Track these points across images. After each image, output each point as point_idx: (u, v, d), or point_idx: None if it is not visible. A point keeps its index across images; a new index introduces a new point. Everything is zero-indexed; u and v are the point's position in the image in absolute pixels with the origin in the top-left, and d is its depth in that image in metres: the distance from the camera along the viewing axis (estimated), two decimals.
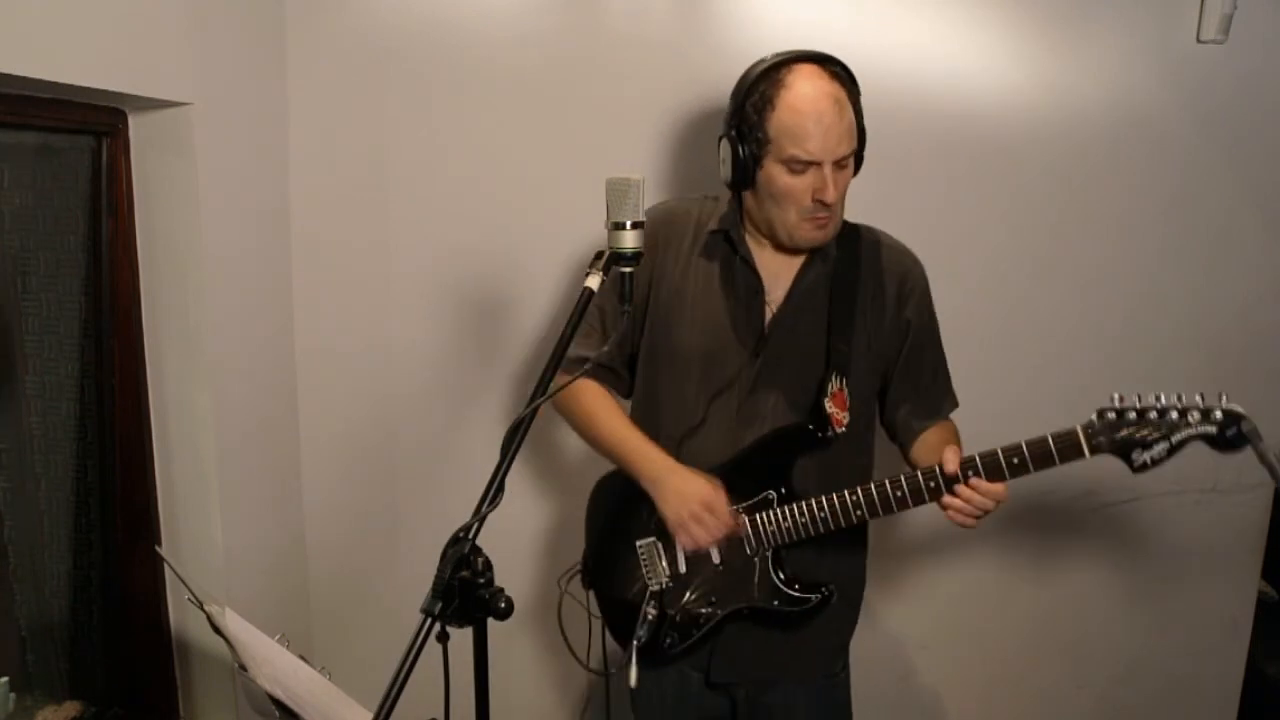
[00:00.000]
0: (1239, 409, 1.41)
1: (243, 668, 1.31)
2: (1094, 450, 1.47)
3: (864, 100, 1.59)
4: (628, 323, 1.68)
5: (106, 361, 1.94)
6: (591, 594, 1.84)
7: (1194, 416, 1.43)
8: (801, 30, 2.11)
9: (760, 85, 1.55)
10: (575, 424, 1.79)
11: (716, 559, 1.68)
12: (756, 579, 1.67)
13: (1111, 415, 1.47)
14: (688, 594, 1.70)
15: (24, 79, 1.47)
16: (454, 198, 2.26)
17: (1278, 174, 2.17)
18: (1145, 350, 2.25)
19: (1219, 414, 1.41)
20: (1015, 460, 1.50)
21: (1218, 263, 2.21)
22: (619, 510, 1.74)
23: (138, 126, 1.88)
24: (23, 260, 1.87)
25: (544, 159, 2.22)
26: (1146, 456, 1.46)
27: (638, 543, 1.71)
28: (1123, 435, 1.46)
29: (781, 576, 1.66)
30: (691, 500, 1.60)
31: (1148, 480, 2.25)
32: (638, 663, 1.70)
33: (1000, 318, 2.25)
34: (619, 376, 1.80)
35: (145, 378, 1.99)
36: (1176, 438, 1.44)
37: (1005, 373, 2.25)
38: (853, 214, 1.73)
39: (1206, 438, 1.42)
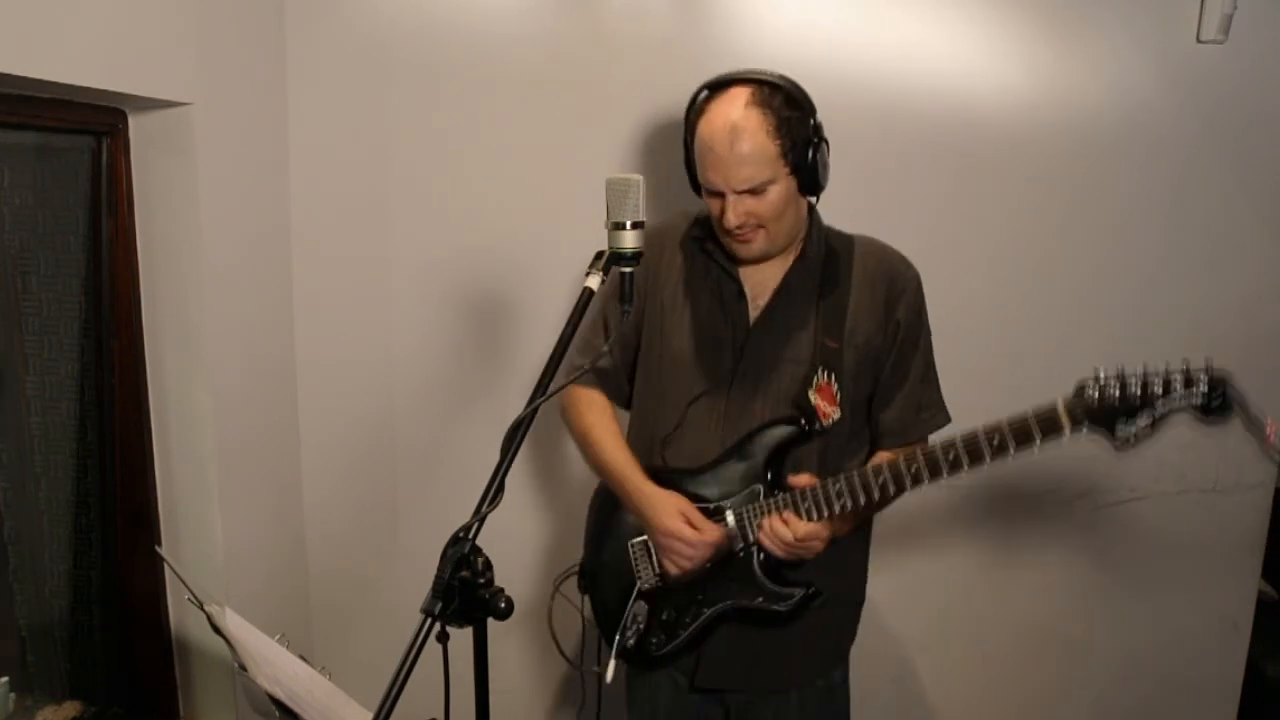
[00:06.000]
0: (1224, 373, 1.34)
1: (243, 668, 1.30)
2: (1074, 422, 1.40)
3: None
4: (628, 324, 1.69)
5: (106, 361, 1.94)
6: (586, 598, 1.83)
7: (1177, 385, 1.36)
8: (801, 31, 2.12)
9: (694, 107, 1.60)
10: (575, 439, 1.81)
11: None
12: (742, 576, 1.67)
13: (1091, 388, 1.41)
14: (675, 593, 1.70)
15: (24, 79, 1.47)
16: (454, 197, 2.26)
17: (1278, 174, 2.17)
18: (1145, 350, 2.21)
19: (1204, 379, 1.35)
20: (995, 440, 1.45)
21: (1218, 263, 2.21)
22: (616, 510, 1.74)
23: (138, 126, 1.88)
24: (23, 260, 1.87)
25: (544, 159, 2.22)
26: (1130, 431, 1.38)
27: (631, 541, 1.72)
28: (1103, 407, 1.38)
29: (765, 573, 1.66)
30: (661, 534, 1.64)
31: (1148, 480, 2.29)
32: (624, 663, 1.71)
33: (999, 318, 2.25)
34: (620, 387, 1.82)
35: (145, 378, 1.99)
36: (1161, 409, 1.37)
37: (1005, 373, 2.24)
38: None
39: (1192, 408, 1.36)
